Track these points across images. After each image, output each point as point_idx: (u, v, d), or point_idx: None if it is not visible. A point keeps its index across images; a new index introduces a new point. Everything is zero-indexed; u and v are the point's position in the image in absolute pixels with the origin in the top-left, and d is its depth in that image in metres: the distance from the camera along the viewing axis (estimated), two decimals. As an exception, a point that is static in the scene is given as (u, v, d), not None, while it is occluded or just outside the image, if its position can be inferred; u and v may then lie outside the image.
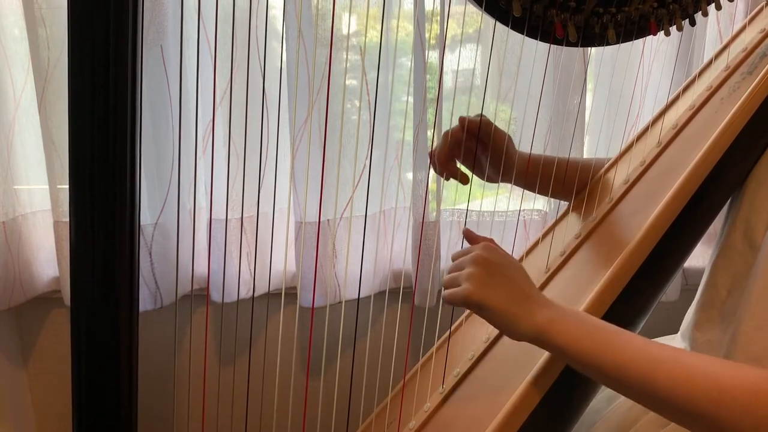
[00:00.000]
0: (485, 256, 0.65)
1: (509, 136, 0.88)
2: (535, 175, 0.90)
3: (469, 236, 0.74)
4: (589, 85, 1.26)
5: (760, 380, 0.51)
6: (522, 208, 1.27)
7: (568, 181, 0.91)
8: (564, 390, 0.68)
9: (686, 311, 0.83)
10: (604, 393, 0.84)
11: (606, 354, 0.58)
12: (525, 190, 0.95)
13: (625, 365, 0.57)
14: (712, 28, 1.20)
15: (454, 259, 0.69)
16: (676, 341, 0.83)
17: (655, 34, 0.73)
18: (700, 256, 1.26)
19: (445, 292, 0.66)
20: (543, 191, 0.93)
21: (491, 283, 0.63)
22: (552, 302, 0.64)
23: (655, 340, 0.61)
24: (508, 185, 0.93)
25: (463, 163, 0.89)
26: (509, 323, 0.63)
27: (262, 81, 1.12)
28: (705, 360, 0.56)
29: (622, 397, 0.81)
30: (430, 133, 1.18)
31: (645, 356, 0.57)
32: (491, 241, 0.72)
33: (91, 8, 0.51)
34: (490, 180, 0.92)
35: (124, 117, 0.54)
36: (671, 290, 1.28)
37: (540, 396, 0.66)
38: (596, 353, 0.59)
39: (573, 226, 0.86)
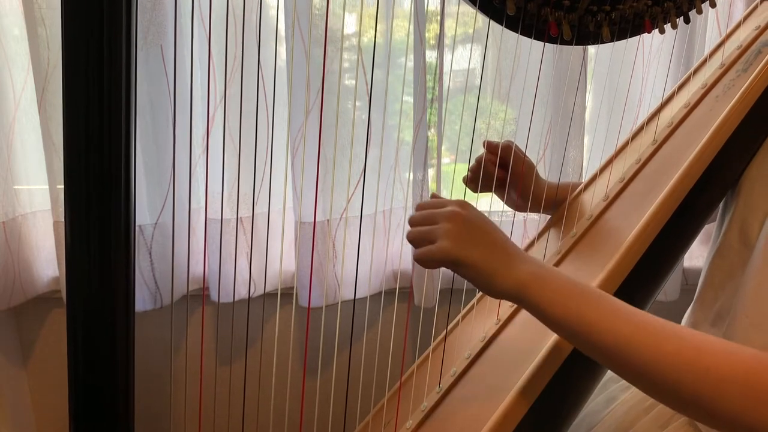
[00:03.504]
0: (462, 213, 0.61)
1: (530, 163, 0.87)
2: (563, 201, 0.89)
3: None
4: (588, 85, 1.26)
5: (754, 361, 0.50)
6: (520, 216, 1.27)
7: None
8: (561, 388, 0.68)
9: (686, 311, 0.83)
10: (602, 395, 0.84)
11: (587, 316, 0.56)
12: None
13: (606, 330, 0.55)
14: (711, 27, 1.20)
15: (420, 208, 0.65)
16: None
17: (649, 32, 0.73)
18: (700, 256, 1.26)
19: (418, 251, 0.62)
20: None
21: (470, 240, 0.60)
22: (534, 259, 0.61)
23: None
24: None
25: (494, 192, 0.89)
26: (489, 280, 0.60)
27: (261, 81, 1.12)
28: (696, 334, 0.53)
29: (621, 399, 0.81)
30: (429, 133, 1.18)
31: (630, 322, 0.54)
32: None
33: (85, 8, 0.51)
34: (520, 209, 0.90)
35: (119, 117, 0.54)
36: (671, 290, 1.28)
37: (536, 395, 0.66)
38: (576, 315, 0.56)
39: (569, 225, 0.86)
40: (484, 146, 0.88)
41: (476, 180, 0.87)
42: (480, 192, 0.89)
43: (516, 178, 0.87)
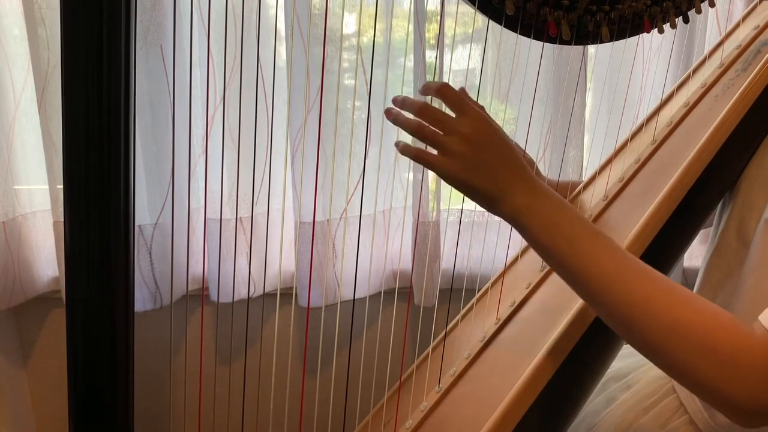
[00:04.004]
0: (476, 138, 0.60)
1: (530, 160, 0.87)
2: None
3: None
4: (588, 84, 1.26)
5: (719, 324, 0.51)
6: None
7: None
8: (561, 388, 0.68)
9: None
10: (602, 395, 0.85)
11: (578, 256, 0.57)
12: None
13: (590, 267, 0.56)
14: (711, 26, 1.20)
15: (440, 93, 0.63)
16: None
17: (648, 32, 0.73)
18: (699, 256, 1.26)
19: (420, 153, 0.62)
20: None
21: (478, 163, 0.60)
22: (538, 187, 0.61)
23: None
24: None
25: None
26: (487, 204, 0.61)
27: (261, 81, 1.12)
28: (674, 286, 0.55)
29: (621, 399, 0.82)
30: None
31: (613, 259, 0.56)
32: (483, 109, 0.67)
33: (84, 9, 0.51)
34: None
35: (118, 117, 0.54)
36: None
37: (536, 394, 0.66)
38: (567, 253, 0.58)
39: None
40: None
41: None
42: None
43: None
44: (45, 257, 1.25)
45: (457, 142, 0.60)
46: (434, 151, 0.62)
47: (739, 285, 0.67)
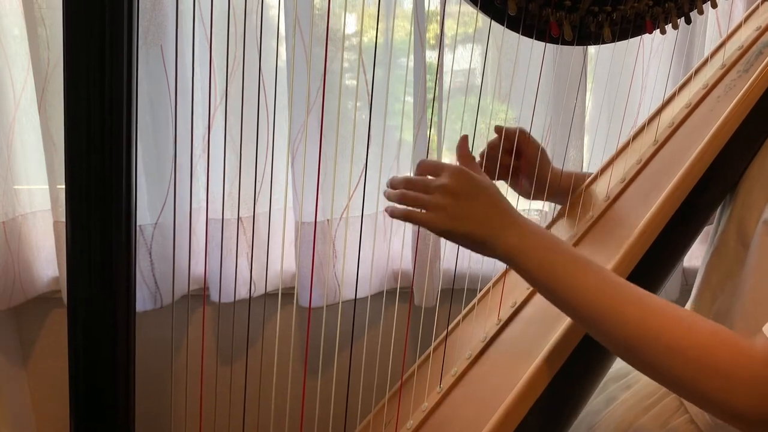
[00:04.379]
0: (453, 187, 0.63)
1: (543, 149, 0.88)
2: (567, 189, 0.90)
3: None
4: (589, 84, 1.26)
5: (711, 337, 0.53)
6: (521, 208, 1.27)
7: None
8: (561, 389, 0.68)
9: (684, 311, 0.83)
10: (602, 395, 0.84)
11: (571, 290, 0.59)
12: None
13: (591, 304, 0.58)
14: (712, 27, 1.20)
15: (420, 169, 0.67)
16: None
17: (650, 33, 0.73)
18: (699, 256, 1.26)
19: (408, 212, 0.66)
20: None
21: (459, 214, 0.63)
22: (524, 224, 0.63)
23: None
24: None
25: (500, 177, 0.89)
26: (479, 249, 0.64)
27: (261, 81, 1.12)
28: (666, 306, 0.56)
29: (621, 399, 0.81)
30: (429, 133, 1.18)
31: (615, 296, 0.57)
32: (471, 160, 0.71)
33: (86, 8, 0.51)
34: (527, 196, 0.91)
35: (120, 117, 0.54)
36: (671, 290, 1.28)
37: (537, 396, 0.66)
38: (560, 287, 0.60)
39: (570, 224, 0.86)
40: (496, 132, 0.87)
41: (492, 165, 0.86)
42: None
43: (529, 165, 0.87)
44: (45, 257, 1.25)
45: (439, 197, 0.64)
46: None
47: (739, 286, 0.67)
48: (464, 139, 0.73)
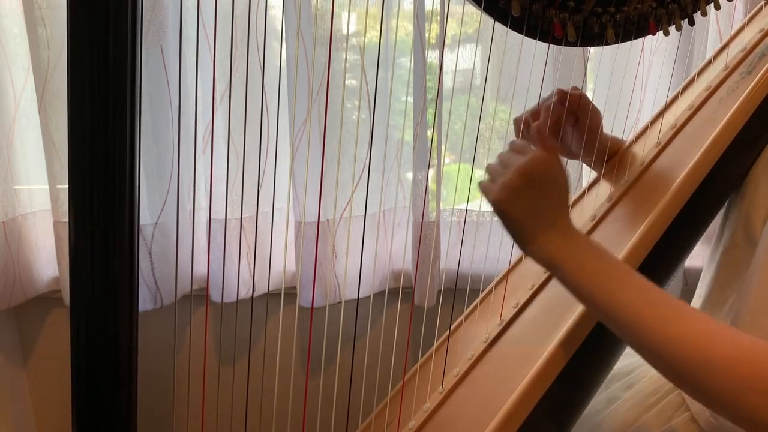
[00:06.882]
0: (530, 169, 0.62)
1: (598, 111, 0.87)
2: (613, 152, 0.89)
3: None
4: (589, 85, 1.26)
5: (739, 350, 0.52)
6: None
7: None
8: (564, 390, 0.68)
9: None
10: (604, 394, 0.84)
11: (608, 296, 0.59)
12: None
13: (627, 315, 0.57)
14: (712, 28, 1.20)
15: (511, 147, 0.67)
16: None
17: (654, 34, 0.73)
18: (700, 256, 1.25)
19: (481, 183, 0.66)
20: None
21: (522, 196, 0.62)
22: (573, 234, 0.63)
23: None
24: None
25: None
26: (522, 239, 0.64)
27: (261, 81, 1.12)
28: (701, 321, 0.56)
29: (623, 398, 0.82)
30: (429, 133, 1.18)
31: (654, 308, 0.57)
32: (554, 149, 0.68)
33: (90, 8, 0.51)
34: (571, 157, 0.91)
35: (124, 116, 0.54)
36: (671, 290, 1.28)
37: (539, 397, 0.66)
38: (598, 293, 0.59)
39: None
40: (554, 94, 0.85)
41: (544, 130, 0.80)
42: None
43: (584, 127, 0.85)
44: (45, 257, 1.25)
45: (509, 174, 0.62)
46: None
47: (746, 285, 0.67)
48: (542, 126, 0.72)
